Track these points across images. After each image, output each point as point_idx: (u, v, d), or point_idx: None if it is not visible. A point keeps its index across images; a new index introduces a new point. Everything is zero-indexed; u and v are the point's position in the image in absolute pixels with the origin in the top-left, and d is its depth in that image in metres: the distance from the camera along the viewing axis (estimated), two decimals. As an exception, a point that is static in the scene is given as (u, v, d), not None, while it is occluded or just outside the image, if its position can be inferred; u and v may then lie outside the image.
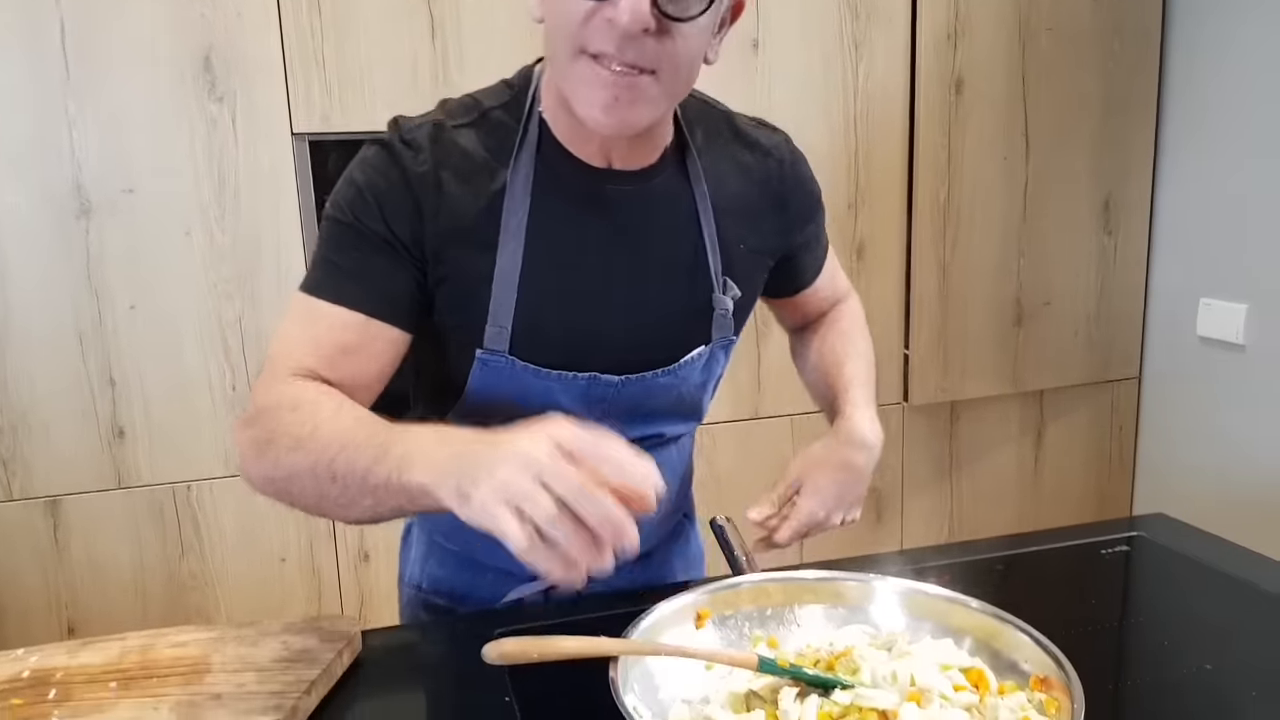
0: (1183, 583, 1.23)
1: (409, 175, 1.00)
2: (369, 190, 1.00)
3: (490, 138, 1.04)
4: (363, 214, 1.00)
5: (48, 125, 1.95)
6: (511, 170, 1.03)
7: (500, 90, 1.07)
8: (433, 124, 1.03)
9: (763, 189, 1.16)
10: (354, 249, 1.01)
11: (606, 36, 0.91)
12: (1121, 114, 2.62)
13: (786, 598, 1.03)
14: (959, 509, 2.73)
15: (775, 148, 1.17)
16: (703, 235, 1.11)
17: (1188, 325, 2.63)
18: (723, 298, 1.13)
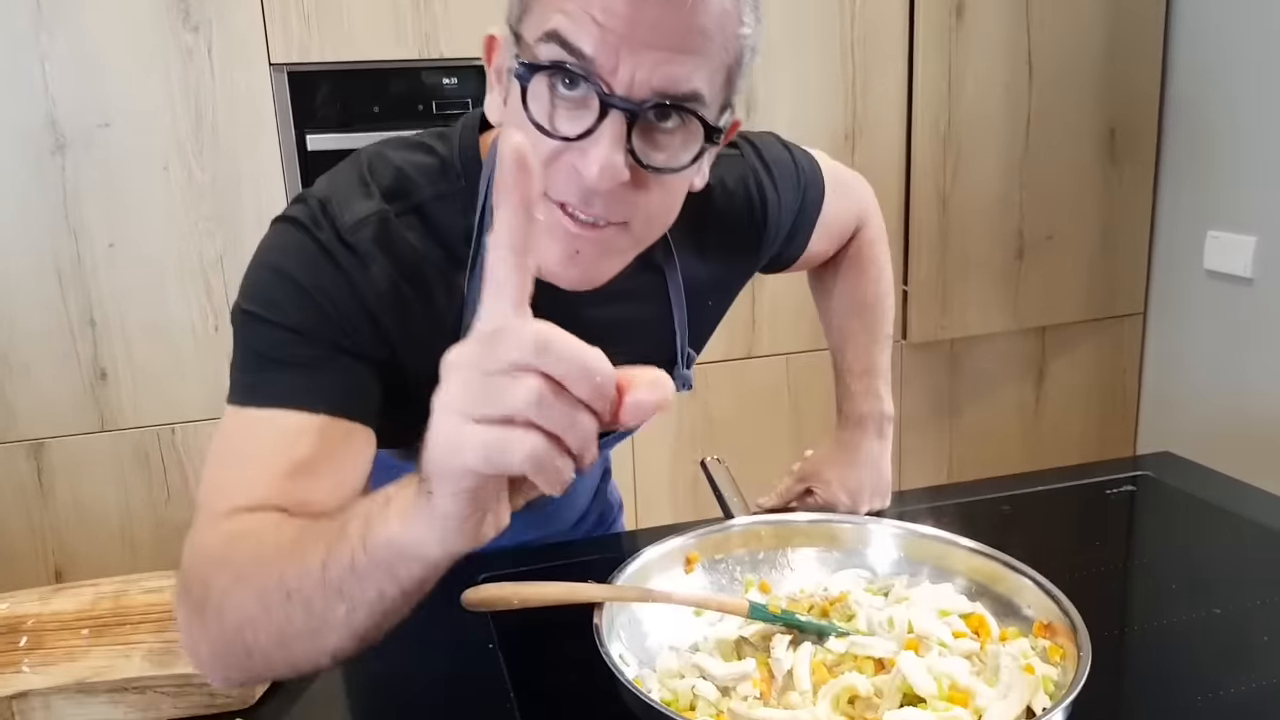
0: (1190, 523, 1.20)
1: (362, 291, 0.83)
2: (317, 293, 0.82)
3: (438, 238, 0.88)
4: (312, 317, 0.82)
5: (19, 59, 1.88)
6: (468, 283, 0.88)
7: (435, 170, 0.90)
8: (378, 219, 0.85)
9: (733, 237, 1.04)
10: (300, 345, 0.82)
11: (571, 185, 0.75)
12: (1127, 41, 2.55)
13: (778, 541, 1.00)
14: (958, 449, 2.70)
15: (743, 183, 1.03)
16: (674, 325, 1.02)
17: (1194, 259, 2.58)
18: (685, 372, 1.06)
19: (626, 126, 0.73)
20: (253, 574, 0.68)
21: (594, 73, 0.72)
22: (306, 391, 0.80)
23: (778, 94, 2.32)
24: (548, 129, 0.74)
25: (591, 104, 0.73)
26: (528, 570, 1.07)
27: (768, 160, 1.05)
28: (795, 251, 1.14)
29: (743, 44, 0.77)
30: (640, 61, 0.71)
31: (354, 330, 0.83)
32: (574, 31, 0.71)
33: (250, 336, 0.83)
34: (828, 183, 1.13)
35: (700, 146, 0.77)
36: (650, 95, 0.73)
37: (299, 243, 0.84)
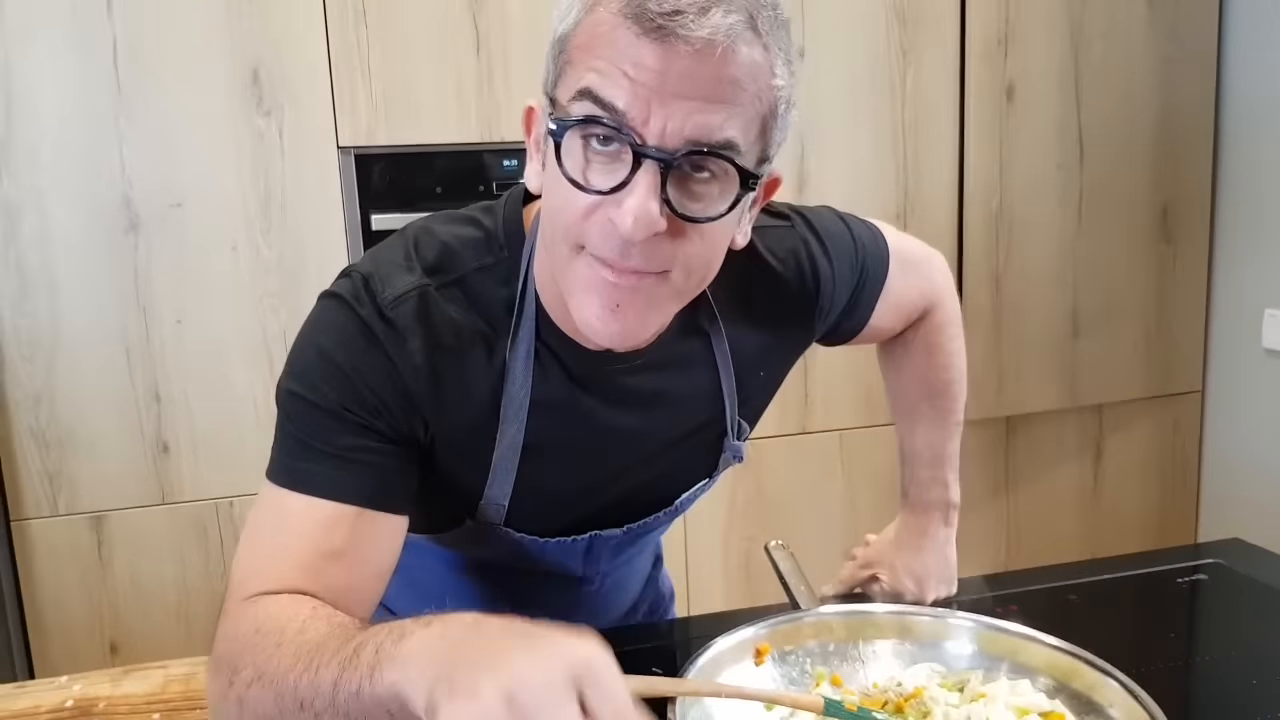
0: (1267, 614, 1.17)
1: (398, 366, 0.85)
2: (355, 376, 0.84)
3: (478, 306, 0.89)
4: (349, 401, 0.84)
5: (99, 140, 1.95)
6: (510, 352, 0.89)
7: (479, 241, 0.91)
8: (418, 295, 0.86)
9: (784, 308, 1.03)
10: (339, 434, 0.84)
11: (608, 240, 0.76)
12: (1178, 119, 2.55)
13: (850, 633, 0.99)
14: (1015, 528, 2.66)
15: (793, 254, 1.02)
16: (721, 393, 1.01)
17: (1252, 337, 2.55)
18: (735, 443, 1.05)
19: (661, 177, 0.74)
20: (271, 675, 0.71)
21: (626, 125, 0.73)
22: (342, 484, 0.83)
23: (830, 174, 2.34)
24: (582, 184, 0.76)
25: (625, 157, 0.74)
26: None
27: (820, 232, 1.05)
28: (856, 325, 1.12)
29: (776, 95, 0.78)
30: (672, 112, 0.73)
31: (389, 410, 0.85)
32: (606, 87, 0.73)
33: (292, 417, 0.86)
34: (893, 257, 1.11)
35: (737, 194, 0.78)
36: (683, 145, 0.74)
37: (341, 320, 0.86)
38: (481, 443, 0.91)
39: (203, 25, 1.95)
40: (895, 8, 2.33)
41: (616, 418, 0.95)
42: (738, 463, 1.07)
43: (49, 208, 1.94)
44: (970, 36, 2.37)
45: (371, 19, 2.02)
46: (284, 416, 0.86)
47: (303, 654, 0.71)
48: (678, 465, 1.04)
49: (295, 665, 0.70)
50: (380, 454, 0.85)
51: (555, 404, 0.92)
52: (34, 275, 1.95)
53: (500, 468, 0.93)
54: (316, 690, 0.68)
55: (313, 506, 0.83)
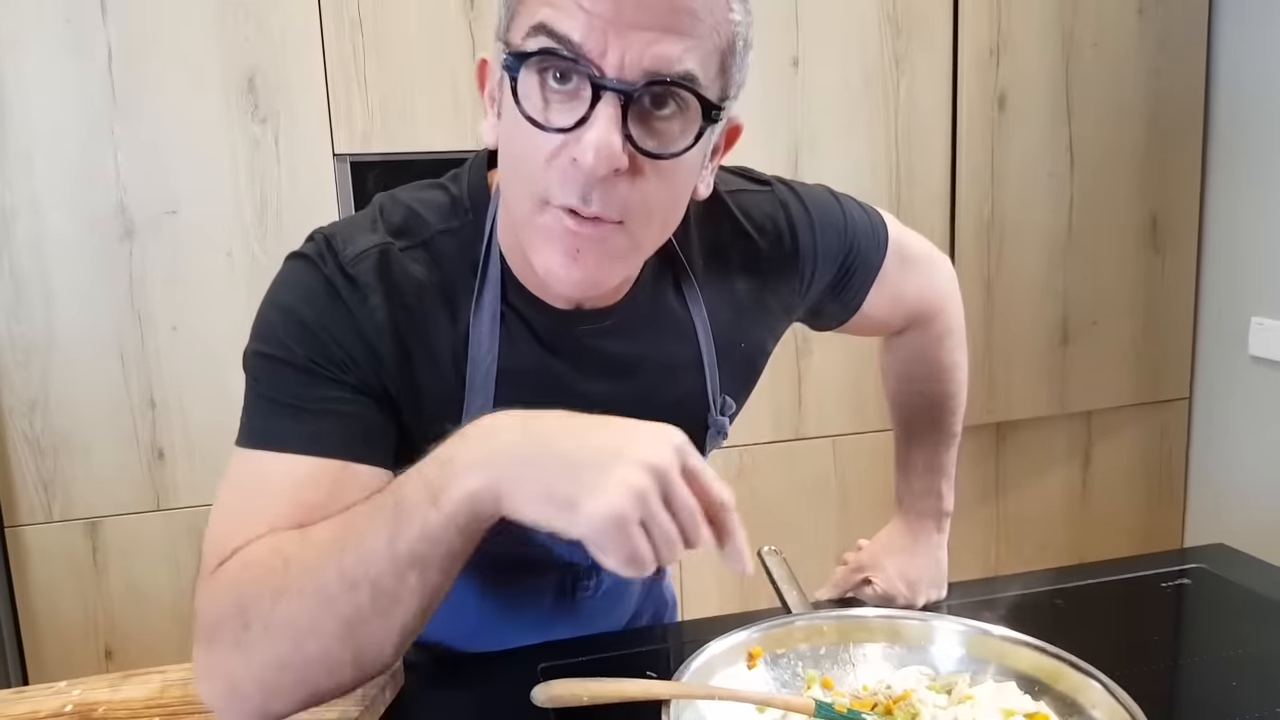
0: (1248, 618, 1.19)
1: (360, 322, 0.83)
2: (319, 329, 0.82)
3: (443, 270, 0.88)
4: (315, 353, 0.82)
5: (93, 148, 1.96)
6: (473, 315, 0.88)
7: (444, 204, 0.90)
8: (379, 251, 0.85)
9: (764, 274, 1.01)
10: (309, 387, 0.82)
11: (571, 183, 0.74)
12: (1167, 129, 2.58)
13: (841, 636, 1.00)
14: (1005, 533, 2.68)
15: (771, 219, 1.00)
16: (701, 360, 0.98)
17: (1239, 344, 2.58)
18: (719, 418, 1.02)
19: (621, 110, 0.72)
20: (300, 582, 0.71)
21: (584, 57, 0.72)
22: (318, 437, 0.81)
23: (825, 180, 2.28)
24: (541, 123, 0.74)
25: (584, 93, 0.73)
26: (586, 661, 1.08)
27: (803, 197, 1.03)
28: (847, 308, 1.10)
29: (734, 30, 0.77)
30: (629, 43, 0.71)
31: (356, 364, 0.83)
32: (560, 20, 0.72)
33: (260, 378, 0.83)
34: (892, 245, 1.09)
35: (700, 127, 0.76)
36: (643, 76, 0.72)
37: (304, 278, 0.85)
38: (449, 410, 0.88)
39: (198, 32, 1.96)
40: (889, 17, 2.35)
41: (589, 384, 0.92)
42: (721, 439, 1.04)
43: (44, 214, 1.95)
44: (963, 46, 2.40)
45: (367, 27, 2.04)
46: (251, 380, 0.84)
47: (328, 546, 0.71)
48: None
49: (327, 557, 0.70)
50: (354, 404, 0.83)
51: (524, 370, 0.89)
52: (29, 282, 1.96)
53: None
54: (369, 557, 0.69)
55: (289, 463, 0.80)
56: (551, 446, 0.68)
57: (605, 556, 0.66)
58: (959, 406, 1.23)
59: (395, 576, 0.69)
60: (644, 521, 0.65)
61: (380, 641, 0.72)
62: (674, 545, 0.67)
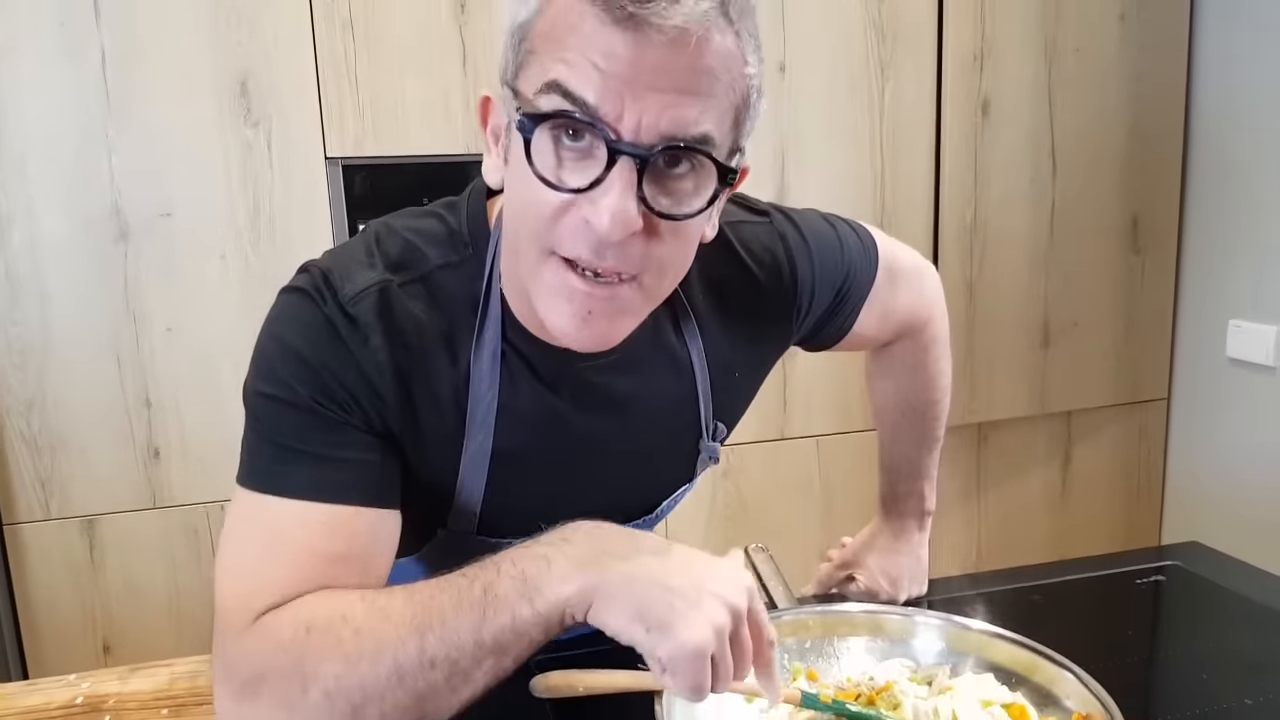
0: (1220, 614, 1.23)
1: (361, 362, 0.82)
2: (320, 368, 0.81)
3: (442, 307, 0.86)
4: (317, 394, 0.81)
5: (88, 151, 1.98)
6: (474, 353, 0.87)
7: (442, 237, 0.88)
8: (379, 290, 0.83)
9: (762, 307, 1.01)
10: (314, 430, 0.81)
11: (581, 240, 0.74)
12: (1148, 134, 2.62)
13: (826, 630, 1.04)
14: (986, 531, 2.72)
15: (769, 251, 1.00)
16: (696, 392, 0.99)
17: (1217, 347, 2.62)
18: (711, 444, 1.03)
19: (637, 174, 0.71)
20: (374, 654, 0.72)
21: (600, 120, 0.70)
22: (330, 484, 0.80)
23: (810, 185, 2.39)
24: (555, 183, 0.73)
25: (598, 153, 0.72)
26: (582, 654, 1.11)
27: (800, 227, 1.03)
28: (839, 330, 1.10)
29: (749, 84, 0.76)
30: (646, 106, 0.70)
31: (359, 405, 0.82)
32: (575, 80, 0.70)
33: (263, 419, 0.82)
34: (882, 263, 1.10)
35: (714, 189, 0.76)
36: (659, 140, 0.71)
37: (303, 314, 0.83)
38: (450, 448, 0.88)
39: (191, 36, 1.98)
40: (875, 23, 2.38)
41: (588, 420, 0.93)
42: (713, 464, 1.05)
43: (39, 217, 1.97)
44: (947, 52, 2.43)
45: (359, 31, 2.06)
46: (253, 419, 0.83)
47: (408, 621, 0.73)
48: (655, 472, 1.03)
49: (404, 636, 0.72)
50: (361, 448, 0.82)
51: (524, 408, 0.89)
52: (25, 284, 1.98)
53: (469, 474, 0.90)
54: (452, 641, 0.72)
55: (301, 511, 0.80)
56: (648, 569, 0.73)
57: (676, 679, 0.71)
58: (943, 413, 1.25)
59: (474, 660, 0.72)
60: (714, 655, 0.71)
61: (442, 711, 0.75)
62: (730, 678, 0.73)
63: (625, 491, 1.01)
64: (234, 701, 0.76)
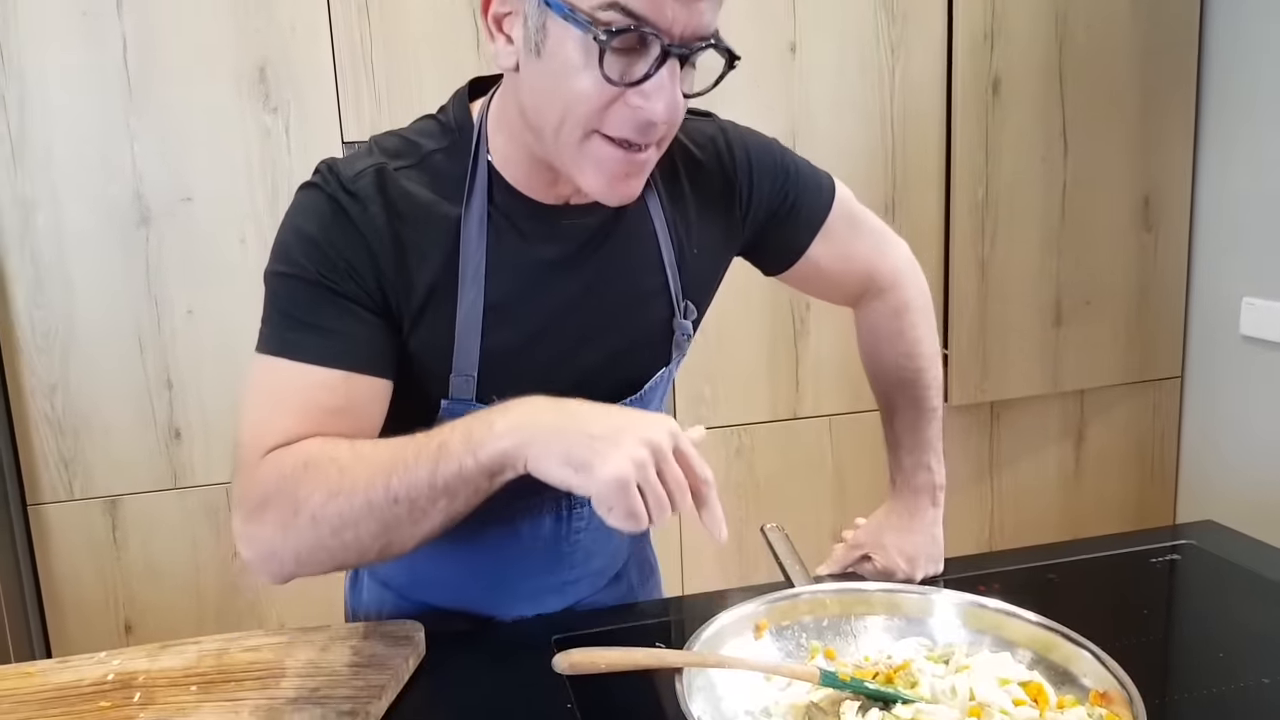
0: (1235, 592, 1.24)
1: (362, 230, 0.95)
2: (326, 245, 0.94)
3: (435, 182, 0.99)
4: (324, 268, 0.94)
5: (110, 138, 2.00)
6: (464, 215, 0.99)
7: (435, 130, 1.03)
8: (375, 169, 0.97)
9: (708, 188, 1.12)
10: (320, 303, 0.94)
11: (629, 122, 0.89)
12: (1160, 111, 2.62)
13: (843, 609, 1.05)
14: (999, 510, 2.74)
15: (711, 140, 1.13)
16: (662, 259, 1.10)
17: (1230, 324, 2.62)
18: (683, 321, 1.13)
19: (679, 68, 0.87)
20: (353, 487, 0.87)
21: (655, 30, 0.85)
22: (331, 350, 0.94)
23: (821, 163, 2.35)
24: (617, 80, 0.86)
25: (648, 53, 0.86)
26: (598, 633, 1.13)
27: (739, 126, 1.17)
28: (791, 247, 1.19)
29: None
30: (681, 13, 0.85)
31: (360, 276, 0.95)
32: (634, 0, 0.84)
33: (278, 293, 0.96)
34: (840, 202, 1.20)
35: (722, 70, 0.92)
36: (692, 38, 0.87)
37: (312, 200, 0.97)
38: (445, 308, 1.00)
39: (211, 24, 2.00)
40: (884, 4, 2.38)
41: (568, 276, 1.04)
42: (687, 340, 1.15)
43: (62, 202, 2.00)
44: (957, 31, 2.43)
45: (374, 17, 2.07)
46: (270, 295, 0.97)
47: (378, 462, 0.88)
48: (635, 341, 1.11)
49: (376, 472, 0.87)
50: (361, 322, 0.96)
51: (510, 262, 1.01)
52: (49, 268, 2.01)
53: (464, 333, 1.00)
54: (412, 482, 0.86)
55: (305, 372, 0.94)
56: (575, 422, 0.84)
57: (608, 513, 0.81)
58: (933, 381, 1.28)
59: (429, 499, 0.87)
60: (641, 486, 0.80)
61: (404, 542, 0.90)
62: (664, 508, 0.81)
63: (609, 362, 1.10)
64: (244, 523, 0.93)
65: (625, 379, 1.11)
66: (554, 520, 1.16)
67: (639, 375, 1.12)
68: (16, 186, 1.97)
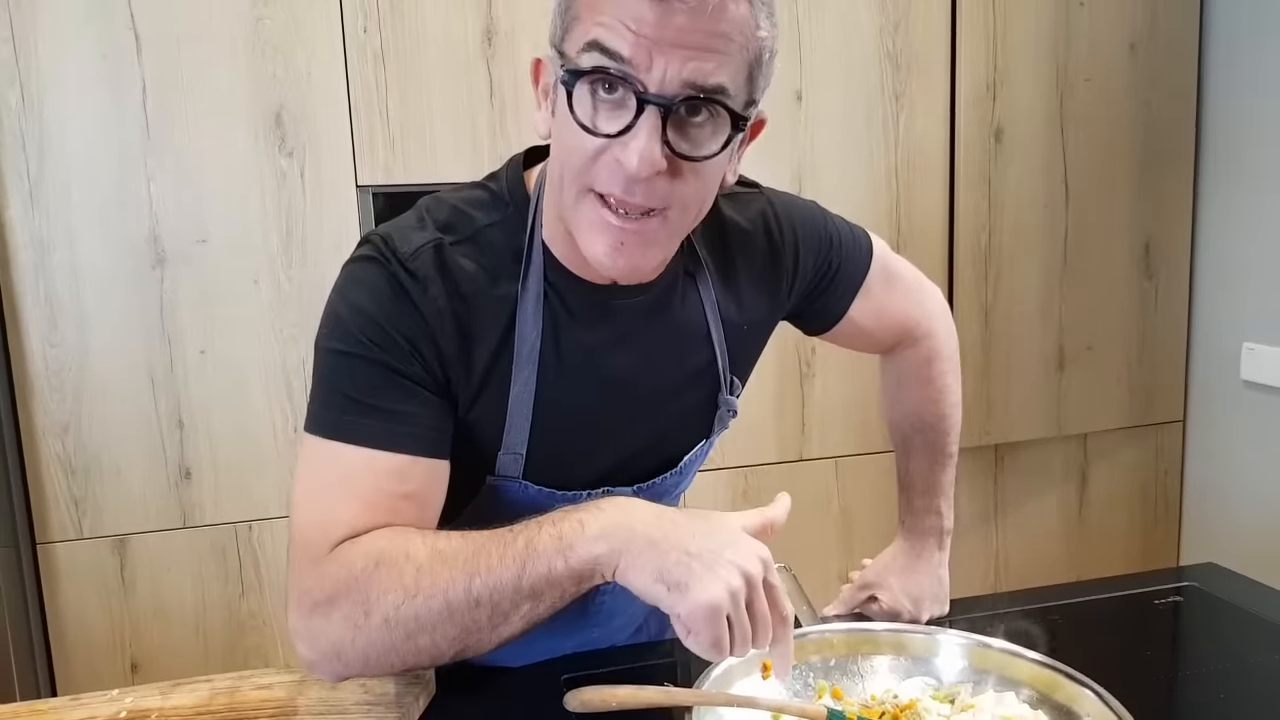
0: (1237, 634, 1.24)
1: (423, 311, 0.93)
2: (388, 324, 0.92)
3: (491, 260, 0.97)
4: (386, 347, 0.92)
5: (128, 180, 2.03)
6: (520, 296, 0.97)
7: (486, 200, 1.00)
8: (433, 246, 0.95)
9: (756, 265, 1.12)
10: (382, 384, 0.92)
11: (614, 177, 0.85)
12: (1159, 160, 2.65)
13: (850, 649, 1.06)
14: (1004, 551, 2.74)
15: (761, 215, 1.12)
16: (711, 338, 1.09)
17: (1231, 369, 2.64)
18: (729, 398, 1.13)
19: (661, 120, 0.82)
20: (431, 588, 0.84)
21: (630, 75, 0.82)
22: (397, 436, 0.92)
23: None
24: (591, 128, 0.84)
25: (629, 103, 0.83)
26: (607, 672, 1.14)
27: (786, 198, 1.16)
28: (832, 311, 1.20)
29: (761, 45, 0.86)
30: (670, 60, 0.81)
31: (420, 354, 0.93)
32: (611, 39, 0.81)
33: (335, 372, 0.93)
34: (877, 260, 1.20)
35: (728, 134, 0.87)
36: (680, 90, 0.82)
37: (370, 276, 0.94)
38: (499, 389, 0.98)
39: (229, 69, 2.04)
40: (889, 53, 2.43)
41: (621, 359, 1.03)
42: (732, 418, 1.14)
43: (79, 242, 2.02)
44: (960, 81, 2.47)
45: (390, 64, 2.11)
46: (326, 371, 0.94)
47: (458, 562, 0.84)
48: (679, 419, 1.10)
49: (456, 573, 0.84)
50: (422, 403, 0.93)
51: (564, 345, 1.00)
52: (63, 307, 2.03)
53: (516, 412, 0.99)
54: (496, 585, 0.83)
55: (371, 458, 0.91)
56: (673, 535, 0.82)
57: (693, 637, 0.80)
58: (952, 428, 1.30)
59: (513, 603, 0.84)
60: (729, 616, 0.79)
61: (482, 645, 0.86)
62: (748, 642, 0.81)
63: (653, 441, 1.09)
64: (306, 619, 0.88)
65: (667, 456, 1.11)
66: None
67: (680, 452, 1.12)
68: (34, 227, 2.00)
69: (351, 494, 0.91)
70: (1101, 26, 2.55)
